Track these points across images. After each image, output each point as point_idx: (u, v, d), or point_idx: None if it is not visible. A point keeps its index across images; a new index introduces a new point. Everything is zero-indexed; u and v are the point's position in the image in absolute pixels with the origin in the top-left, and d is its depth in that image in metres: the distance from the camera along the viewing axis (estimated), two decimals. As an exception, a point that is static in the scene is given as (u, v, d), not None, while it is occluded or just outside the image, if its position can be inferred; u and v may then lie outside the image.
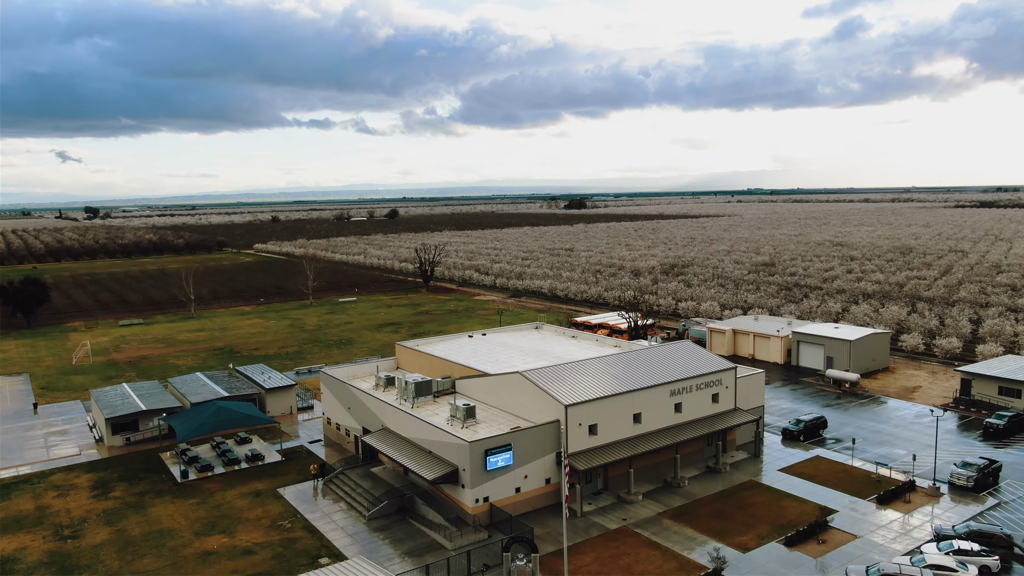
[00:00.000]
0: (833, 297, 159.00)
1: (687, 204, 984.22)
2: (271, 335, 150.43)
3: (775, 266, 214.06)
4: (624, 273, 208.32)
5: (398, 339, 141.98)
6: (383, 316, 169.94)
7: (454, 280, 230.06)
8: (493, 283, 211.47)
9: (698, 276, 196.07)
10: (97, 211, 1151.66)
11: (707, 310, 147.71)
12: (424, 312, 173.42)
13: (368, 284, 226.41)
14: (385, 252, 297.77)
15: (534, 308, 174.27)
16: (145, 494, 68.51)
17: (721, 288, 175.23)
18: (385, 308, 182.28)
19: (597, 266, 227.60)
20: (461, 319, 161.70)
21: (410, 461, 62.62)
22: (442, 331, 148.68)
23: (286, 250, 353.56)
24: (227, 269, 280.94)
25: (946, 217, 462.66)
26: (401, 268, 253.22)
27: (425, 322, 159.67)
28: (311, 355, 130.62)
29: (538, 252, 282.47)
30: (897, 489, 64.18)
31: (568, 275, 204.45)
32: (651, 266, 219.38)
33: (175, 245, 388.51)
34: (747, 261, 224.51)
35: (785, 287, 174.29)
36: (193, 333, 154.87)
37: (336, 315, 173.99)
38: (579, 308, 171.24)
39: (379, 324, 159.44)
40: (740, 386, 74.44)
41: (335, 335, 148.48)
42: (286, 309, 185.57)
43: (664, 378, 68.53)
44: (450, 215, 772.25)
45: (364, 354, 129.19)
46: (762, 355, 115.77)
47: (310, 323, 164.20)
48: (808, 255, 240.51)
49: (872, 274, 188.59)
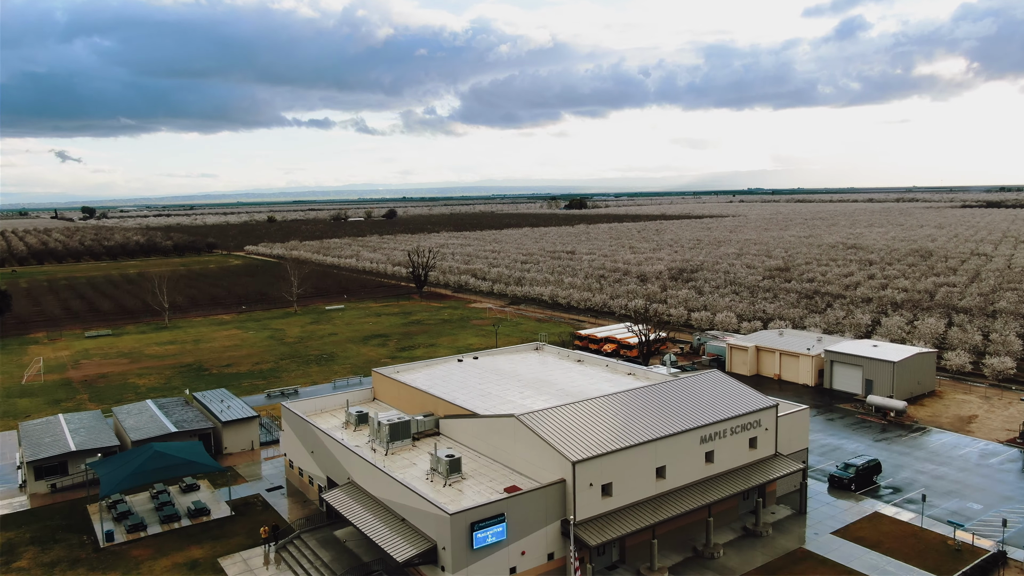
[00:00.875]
0: (858, 307, 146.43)
1: (689, 204, 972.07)
2: (247, 348, 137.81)
3: (790, 271, 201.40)
4: (630, 279, 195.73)
5: (385, 354, 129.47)
6: (371, 327, 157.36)
7: (449, 285, 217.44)
8: (490, 289, 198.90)
9: (709, 282, 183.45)
10: (93, 211, 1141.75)
11: (723, 322, 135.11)
12: (415, 322, 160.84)
13: (358, 290, 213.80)
14: (378, 255, 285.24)
15: (533, 317, 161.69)
16: (56, 565, 55.83)
17: (735, 296, 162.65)
18: (374, 317, 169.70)
19: (600, 270, 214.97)
20: (455, 330, 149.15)
21: (378, 532, 49.96)
22: (433, 344, 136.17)
23: (277, 252, 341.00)
24: (212, 273, 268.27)
25: (957, 218, 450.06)
26: (394, 272, 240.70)
27: (415, 334, 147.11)
28: (288, 373, 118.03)
29: (538, 255, 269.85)
30: (985, 563, 51.67)
31: (570, 280, 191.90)
32: (658, 271, 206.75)
33: (163, 247, 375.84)
34: (760, 266, 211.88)
35: (805, 295, 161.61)
36: (163, 346, 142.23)
37: (321, 325, 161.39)
38: (582, 318, 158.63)
39: (366, 336, 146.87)
40: (781, 425, 61.91)
41: (317, 349, 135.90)
42: (268, 318, 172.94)
43: (693, 421, 55.95)
44: (449, 215, 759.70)
45: (346, 372, 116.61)
46: (790, 376, 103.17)
47: (291, 334, 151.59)
48: (823, 259, 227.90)
49: (895, 280, 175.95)
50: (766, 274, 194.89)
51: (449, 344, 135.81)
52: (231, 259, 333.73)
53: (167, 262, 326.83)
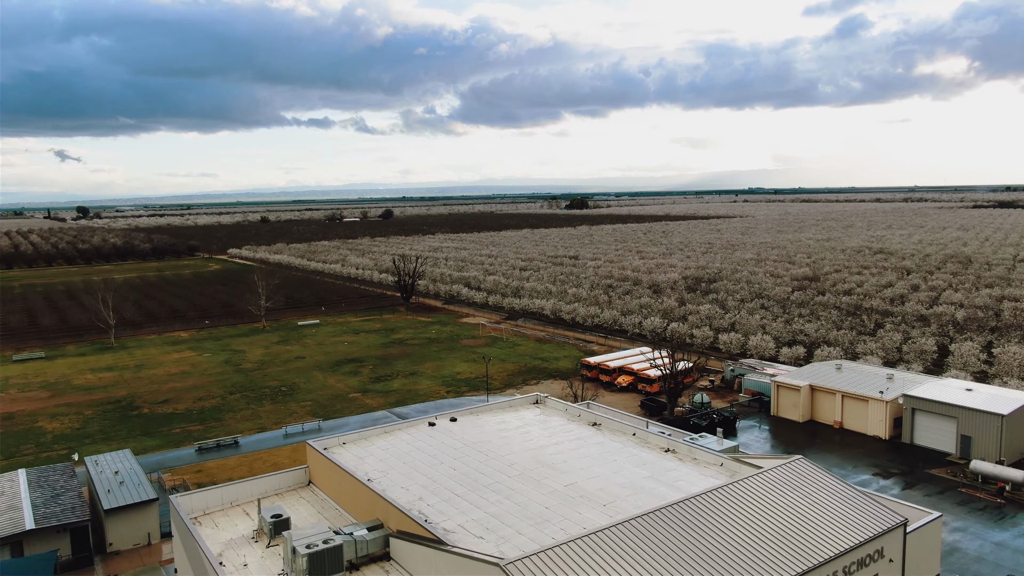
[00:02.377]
0: (913, 327, 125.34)
1: (692, 204, 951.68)
2: (195, 377, 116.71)
3: (820, 280, 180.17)
4: (641, 289, 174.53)
5: (355, 386, 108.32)
6: (346, 348, 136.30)
7: (440, 296, 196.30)
8: (485, 300, 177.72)
9: (733, 295, 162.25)
10: (88, 211, 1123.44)
11: (758, 347, 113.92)
12: (397, 341, 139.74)
13: (338, 301, 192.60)
14: (366, 260, 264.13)
15: (533, 336, 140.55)
16: None
17: (765, 312, 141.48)
18: (351, 335, 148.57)
19: (607, 279, 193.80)
20: (442, 353, 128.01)
21: None
22: (415, 372, 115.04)
23: (260, 256, 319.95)
24: (183, 281, 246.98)
25: (976, 219, 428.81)
26: (380, 280, 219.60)
27: (396, 358, 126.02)
28: (234, 413, 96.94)
29: (538, 260, 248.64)
30: None
31: (574, 292, 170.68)
32: (672, 280, 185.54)
33: (140, 250, 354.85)
34: (785, 274, 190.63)
35: (847, 312, 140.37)
36: (97, 374, 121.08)
37: (288, 345, 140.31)
38: (590, 338, 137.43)
39: (338, 360, 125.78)
40: (910, 548, 40.86)
41: (277, 378, 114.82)
42: (231, 336, 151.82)
43: (787, 568, 34.83)
44: (447, 215, 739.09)
45: (304, 412, 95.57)
46: (855, 424, 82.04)
47: (252, 357, 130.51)
48: (852, 265, 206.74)
49: (945, 293, 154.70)
50: (794, 284, 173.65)
51: (433, 373, 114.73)
52: (210, 264, 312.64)
53: (142, 266, 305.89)
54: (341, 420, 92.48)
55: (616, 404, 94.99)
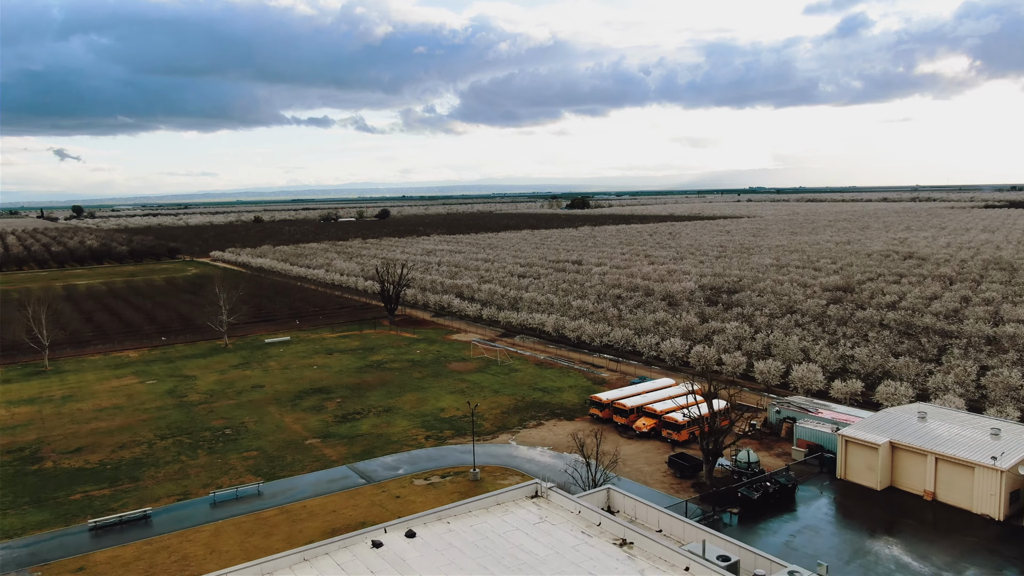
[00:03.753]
0: (979, 349, 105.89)
1: (694, 203, 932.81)
2: (126, 414, 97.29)
3: (855, 291, 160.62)
4: (654, 300, 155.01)
5: (317, 427, 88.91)
6: (315, 373, 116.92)
7: (429, 307, 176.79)
8: (479, 313, 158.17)
9: (760, 309, 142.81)
10: (82, 210, 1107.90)
11: (803, 379, 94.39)
12: (375, 364, 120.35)
13: (315, 313, 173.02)
14: (352, 265, 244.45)
15: (532, 359, 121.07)
16: None
17: (801, 330, 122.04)
18: (323, 356, 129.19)
19: (615, 288, 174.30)
20: (425, 381, 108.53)
21: None
22: (390, 408, 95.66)
23: (243, 259, 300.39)
24: (152, 288, 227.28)
25: (996, 219, 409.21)
26: (365, 288, 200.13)
27: (371, 387, 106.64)
28: (156, 468, 77.54)
29: (538, 266, 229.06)
30: None
31: (579, 305, 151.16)
32: (688, 290, 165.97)
33: (117, 253, 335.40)
34: (813, 283, 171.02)
35: (901, 331, 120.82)
36: (12, 409, 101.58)
37: (249, 369, 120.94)
38: (599, 363, 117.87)
39: (301, 391, 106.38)
40: None
41: (224, 415, 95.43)
42: (186, 356, 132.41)
43: None
44: (445, 215, 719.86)
45: (248, 465, 76.24)
46: (955, 497, 62.57)
47: (202, 386, 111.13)
48: (885, 273, 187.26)
49: (1003, 307, 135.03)
50: (826, 295, 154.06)
51: (412, 409, 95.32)
52: (189, 268, 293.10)
53: (115, 271, 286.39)
54: (287, 482, 73.03)
55: (636, 459, 75.55)
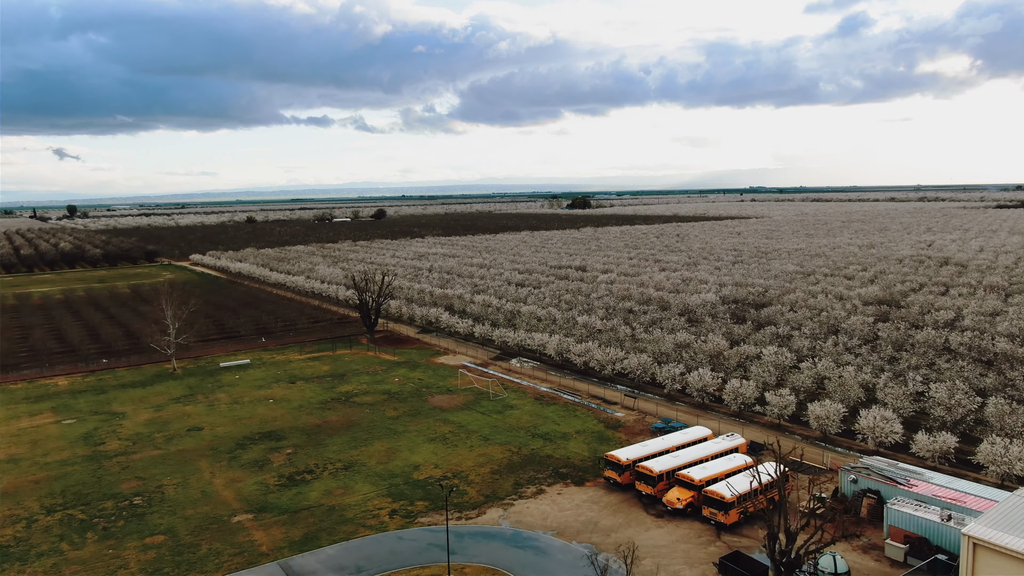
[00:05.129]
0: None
1: (697, 203, 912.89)
2: (16, 474, 77.12)
3: (900, 305, 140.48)
4: (672, 316, 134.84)
5: (254, 491, 68.55)
6: (268, 409, 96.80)
7: (415, 321, 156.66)
8: (470, 330, 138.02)
9: (797, 327, 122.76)
10: (76, 209, 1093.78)
11: (875, 429, 74.23)
12: (343, 398, 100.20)
13: (285, 329, 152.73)
14: (336, 271, 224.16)
15: (532, 390, 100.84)
16: None
17: (852, 356, 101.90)
18: (284, 385, 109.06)
19: (626, 300, 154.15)
20: (400, 423, 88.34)
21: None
22: (352, 465, 75.57)
23: (222, 264, 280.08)
24: (112, 298, 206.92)
25: (1017, 220, 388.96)
26: (347, 299, 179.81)
27: (333, 429, 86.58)
28: (24, 564, 57.40)
29: (538, 272, 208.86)
30: None
31: (585, 320, 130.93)
32: (710, 303, 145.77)
33: (91, 256, 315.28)
34: (849, 294, 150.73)
35: (977, 359, 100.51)
36: None
37: (192, 404, 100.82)
38: (611, 396, 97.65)
39: (247, 436, 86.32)
40: None
41: (141, 474, 75.37)
42: (123, 385, 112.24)
43: None
44: (443, 215, 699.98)
45: (147, 561, 55.97)
46: None
47: (128, 428, 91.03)
48: (926, 282, 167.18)
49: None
50: (869, 310, 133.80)
51: (379, 465, 75.21)
52: (163, 273, 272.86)
53: (83, 276, 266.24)
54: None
55: (670, 554, 55.16)
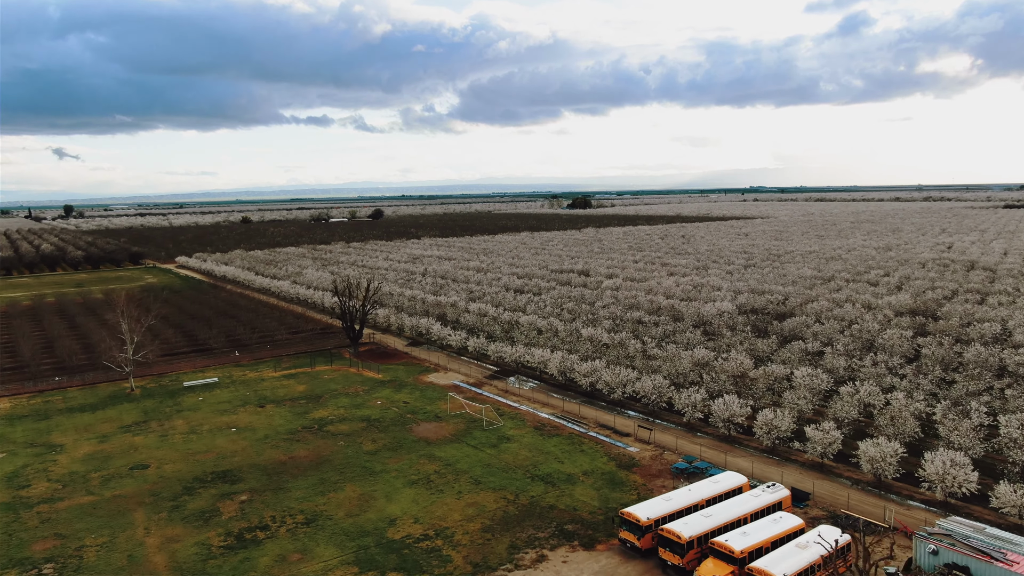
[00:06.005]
0: None
1: (699, 203, 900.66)
2: (-82, 525, 64.60)
3: (938, 317, 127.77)
4: (685, 328, 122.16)
5: (190, 557, 55.94)
6: (228, 440, 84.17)
7: (404, 332, 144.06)
8: (463, 343, 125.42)
9: (828, 342, 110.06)
10: (72, 209, 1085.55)
11: (946, 478, 61.56)
12: (316, 426, 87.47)
13: (262, 341, 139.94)
14: (325, 275, 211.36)
15: (532, 417, 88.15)
16: None
17: (895, 377, 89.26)
18: (252, 410, 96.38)
19: (634, 308, 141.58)
20: (377, 460, 75.63)
21: None
22: (315, 519, 62.73)
23: (207, 267, 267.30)
24: (87, 305, 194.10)
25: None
26: (333, 306, 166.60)
27: (297, 470, 73.85)
28: None
29: (539, 277, 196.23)
30: None
31: (590, 333, 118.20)
32: (727, 312, 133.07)
33: (72, 258, 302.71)
34: (878, 303, 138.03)
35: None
36: None
37: (142, 434, 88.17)
38: (622, 426, 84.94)
39: (195, 478, 73.67)
40: None
41: (60, 531, 62.75)
42: (71, 409, 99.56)
43: None
44: (441, 215, 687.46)
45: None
46: None
47: (64, 464, 78.45)
48: (958, 289, 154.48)
49: None
50: (903, 322, 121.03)
51: (347, 519, 62.43)
52: (145, 277, 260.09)
53: (64, 279, 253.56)
54: None
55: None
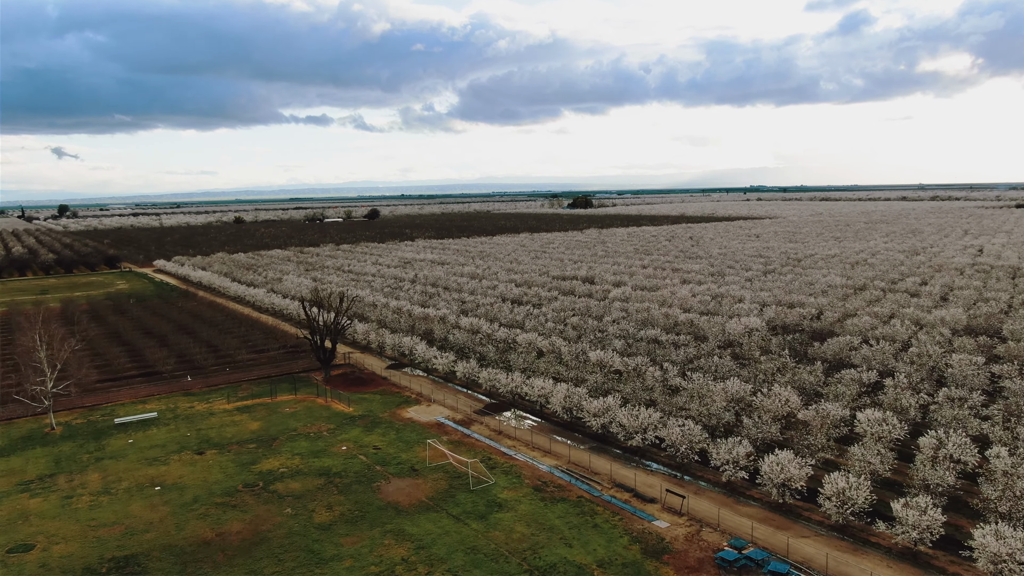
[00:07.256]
0: None
1: (702, 202, 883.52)
2: None
3: (1003, 337, 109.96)
4: (711, 348, 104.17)
5: None
6: (143, 508, 66.32)
7: (384, 351, 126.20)
8: (451, 368, 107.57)
9: (889, 372, 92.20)
10: (67, 208, 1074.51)
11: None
12: (260, 484, 69.58)
13: (221, 363, 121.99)
14: (305, 282, 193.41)
15: (529, 469, 70.23)
16: None
17: (984, 423, 71.55)
18: (188, 458, 78.57)
19: (648, 324, 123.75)
20: (328, 545, 57.62)
21: None
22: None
23: (184, 272, 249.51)
24: (34, 319, 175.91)
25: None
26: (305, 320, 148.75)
27: (226, 555, 55.80)
28: None
29: (539, 285, 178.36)
30: None
31: (600, 357, 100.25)
32: (755, 330, 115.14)
33: (44, 262, 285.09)
34: (930, 319, 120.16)
35: None
36: None
37: (43, 495, 70.40)
38: (645, 488, 67.07)
39: (88, 568, 55.81)
40: None
41: None
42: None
43: None
44: (439, 215, 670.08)
45: None
46: None
47: (-74, 544, 60.59)
48: (1012, 300, 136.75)
49: None
50: (967, 343, 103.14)
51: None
52: (116, 283, 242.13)
53: (28, 285, 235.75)
54: None
55: None
